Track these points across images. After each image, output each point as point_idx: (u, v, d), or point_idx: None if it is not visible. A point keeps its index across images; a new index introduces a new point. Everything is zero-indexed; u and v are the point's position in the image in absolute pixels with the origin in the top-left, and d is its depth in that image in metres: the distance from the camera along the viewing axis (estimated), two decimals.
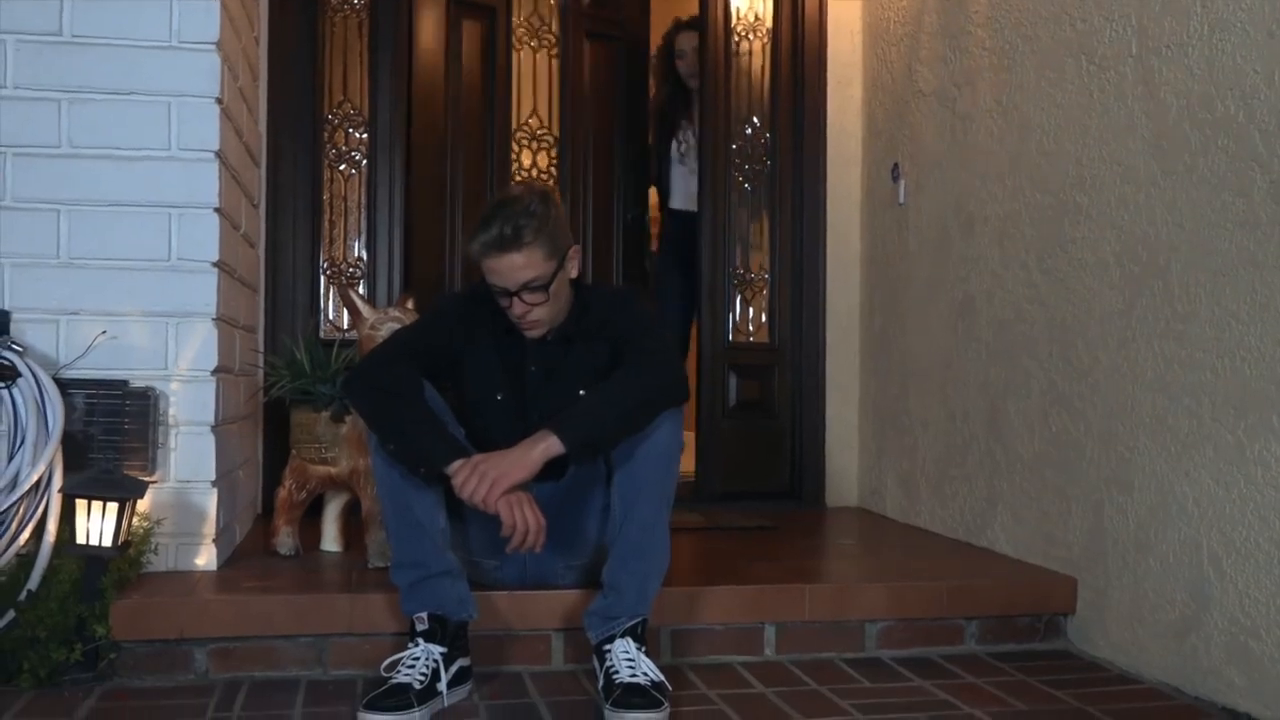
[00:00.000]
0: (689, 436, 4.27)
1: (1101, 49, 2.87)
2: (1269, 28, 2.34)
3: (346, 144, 3.94)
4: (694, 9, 4.40)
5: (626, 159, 4.62)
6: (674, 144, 4.68)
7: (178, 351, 2.75)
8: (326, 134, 3.93)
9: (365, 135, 3.95)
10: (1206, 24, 2.52)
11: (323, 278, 3.93)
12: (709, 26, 4.30)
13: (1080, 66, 2.95)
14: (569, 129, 4.42)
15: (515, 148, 4.35)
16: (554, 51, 4.42)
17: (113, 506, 2.46)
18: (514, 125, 4.35)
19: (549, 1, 4.42)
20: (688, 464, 4.25)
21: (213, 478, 2.77)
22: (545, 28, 4.41)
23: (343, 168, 3.94)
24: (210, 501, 2.77)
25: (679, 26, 4.69)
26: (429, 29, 4.07)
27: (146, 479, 2.64)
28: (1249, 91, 2.39)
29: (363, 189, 3.95)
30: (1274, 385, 2.32)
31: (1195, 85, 2.55)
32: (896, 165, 3.98)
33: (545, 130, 4.40)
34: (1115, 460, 2.79)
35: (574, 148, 4.43)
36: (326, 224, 3.93)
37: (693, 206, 4.42)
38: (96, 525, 2.46)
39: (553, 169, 4.40)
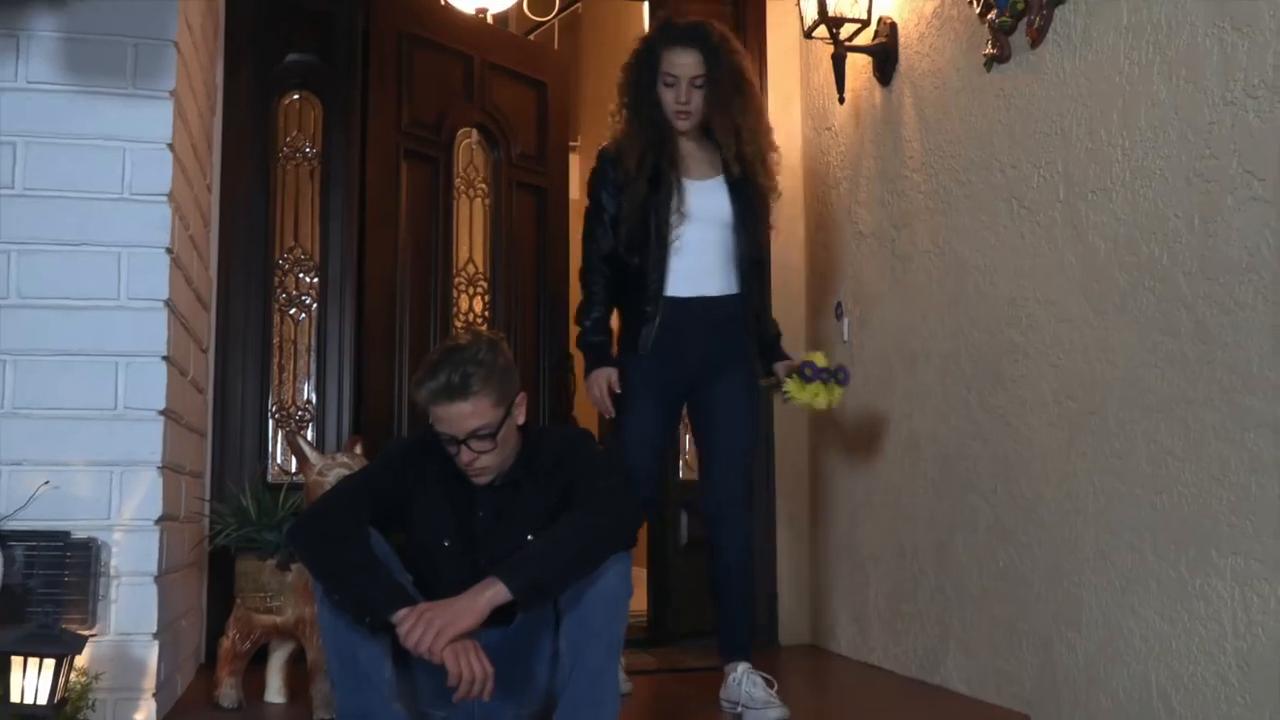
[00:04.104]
0: (641, 573, 4.27)
1: (1031, 194, 2.98)
2: (1186, 175, 2.45)
3: (297, 288, 3.98)
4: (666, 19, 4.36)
5: (549, 302, 4.70)
6: (665, 215, 3.09)
7: (121, 500, 2.72)
8: (277, 278, 3.97)
9: (316, 279, 3.99)
10: (1128, 170, 2.63)
11: (271, 421, 3.92)
12: None
13: (1012, 210, 3.06)
14: (500, 274, 4.52)
15: (455, 292, 4.42)
16: (487, 200, 4.54)
17: (49, 663, 2.39)
18: (455, 270, 4.43)
19: (483, 154, 4.56)
20: (640, 603, 4.24)
21: (154, 629, 2.72)
22: (479, 178, 4.53)
23: (293, 311, 3.97)
24: (151, 654, 2.71)
25: (666, 33, 3.15)
26: (378, 177, 4.16)
27: (86, 632, 2.57)
28: (1171, 235, 2.49)
29: (313, 332, 3.97)
30: (1210, 520, 2.36)
31: (1121, 229, 2.65)
32: (840, 304, 4.07)
33: (480, 274, 4.49)
34: (1062, 596, 2.81)
35: (505, 292, 4.52)
36: (276, 367, 3.94)
37: (707, 289, 3.14)
38: (32, 683, 2.39)
39: (486, 313, 4.47)
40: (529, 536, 2.41)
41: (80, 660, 2.55)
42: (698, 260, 3.10)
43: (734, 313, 3.14)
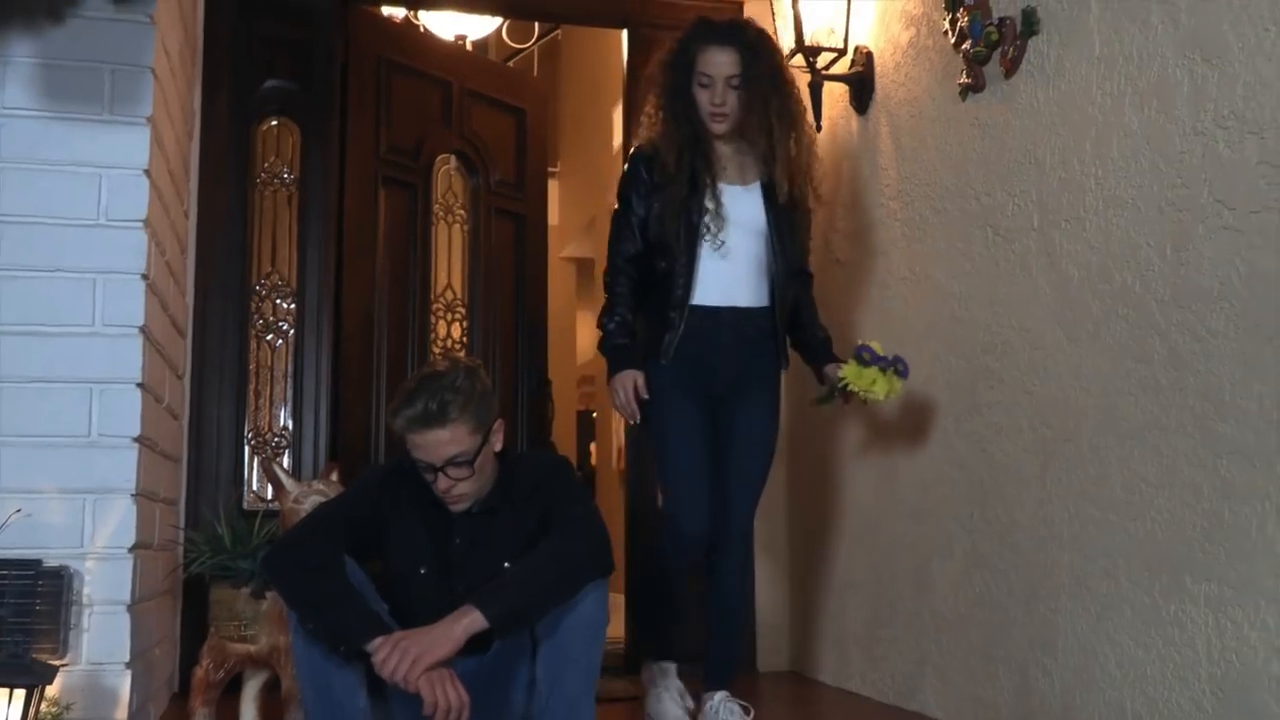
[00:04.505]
0: (619, 599, 4.25)
1: (1006, 222, 3.00)
2: (1158, 204, 2.47)
3: (274, 314, 3.97)
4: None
5: (527, 328, 4.70)
6: (699, 219, 2.96)
7: (94, 528, 2.70)
8: (254, 304, 3.96)
9: (293, 305, 3.98)
10: (1101, 199, 2.66)
11: (247, 447, 3.90)
12: None
13: (987, 238, 3.08)
14: (478, 300, 4.53)
15: (433, 318, 4.42)
16: (466, 227, 4.55)
17: (19, 694, 2.36)
18: (433, 296, 4.43)
19: (461, 180, 4.57)
20: (618, 629, 4.22)
21: (126, 659, 2.69)
22: (458, 204, 4.54)
23: (270, 337, 3.96)
24: (124, 684, 2.68)
25: (701, 31, 3.02)
26: (356, 203, 4.16)
27: (57, 662, 2.55)
28: (1143, 263, 2.51)
29: (289, 359, 3.96)
30: (1184, 546, 2.37)
31: (1094, 257, 2.67)
32: None
33: (458, 300, 4.49)
34: (1039, 622, 2.82)
35: (484, 318, 4.52)
36: (252, 393, 3.92)
37: (739, 299, 3.02)
38: (2, 713, 2.36)
39: (464, 339, 4.47)
40: (506, 564, 2.41)
41: (51, 690, 2.53)
42: (733, 268, 2.98)
43: (764, 327, 3.02)
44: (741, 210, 3.00)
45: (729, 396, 3.01)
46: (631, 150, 3.13)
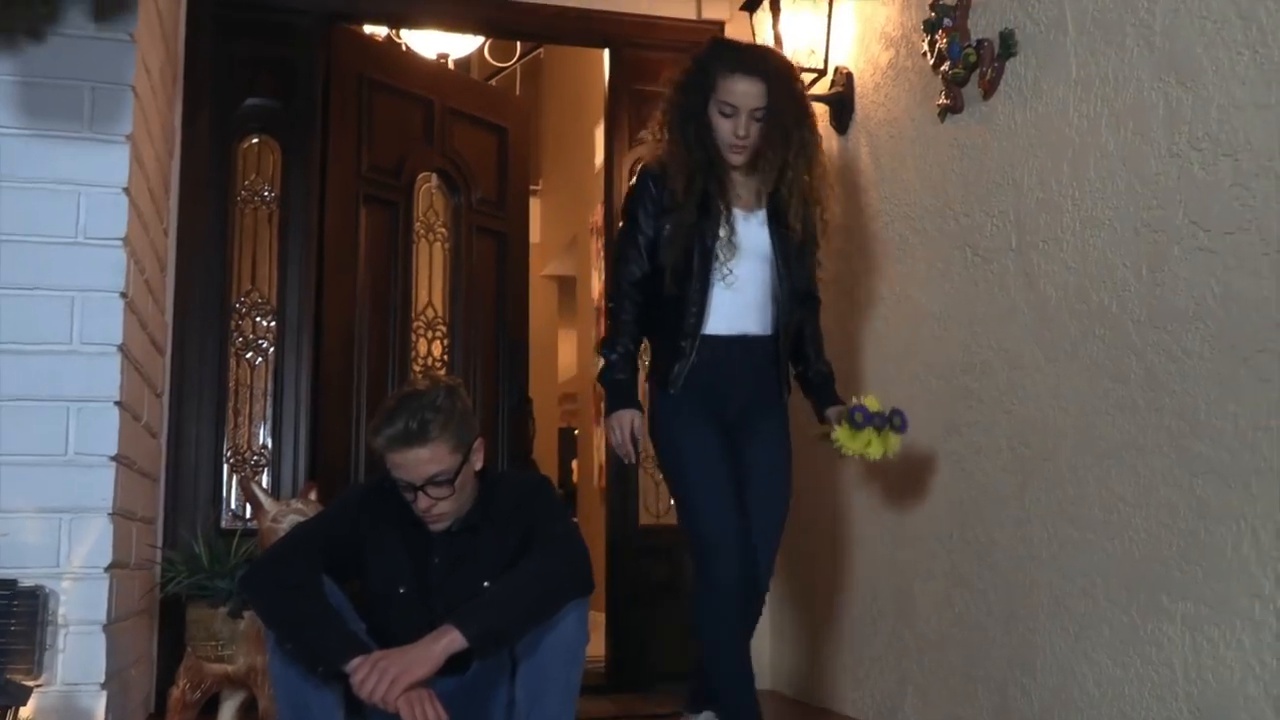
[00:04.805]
0: (599, 618, 4.25)
1: (985, 242, 3.02)
2: (1134, 225, 2.49)
3: (254, 332, 3.96)
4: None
5: (508, 346, 4.70)
6: (713, 245, 2.86)
7: (71, 548, 2.68)
8: (234, 322, 3.95)
9: (273, 323, 3.97)
10: (1078, 220, 2.68)
11: (226, 466, 3.88)
12: (614, 215, 4.45)
13: (966, 258, 3.10)
14: (459, 318, 4.53)
15: (413, 336, 4.42)
16: (447, 245, 4.55)
17: None
18: (414, 314, 4.43)
19: (443, 198, 4.58)
20: (599, 648, 4.22)
21: (102, 679, 2.68)
22: (439, 222, 4.55)
23: (249, 355, 3.95)
24: (99, 704, 2.66)
25: (725, 57, 2.88)
26: (337, 221, 4.16)
27: (31, 683, 2.53)
28: (1120, 284, 2.53)
29: (269, 377, 3.95)
30: (1161, 565, 2.39)
31: (1071, 277, 2.69)
32: None
33: (439, 318, 4.49)
34: (1017, 641, 2.82)
35: (465, 336, 4.52)
36: (231, 412, 3.91)
37: (748, 328, 2.93)
38: None
39: (445, 357, 4.47)
40: (485, 583, 2.40)
41: (26, 711, 2.51)
42: (744, 297, 2.88)
43: (771, 353, 2.93)
44: (751, 237, 2.91)
45: (740, 425, 2.89)
46: (639, 166, 3.01)
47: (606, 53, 4.57)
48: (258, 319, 3.97)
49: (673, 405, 2.85)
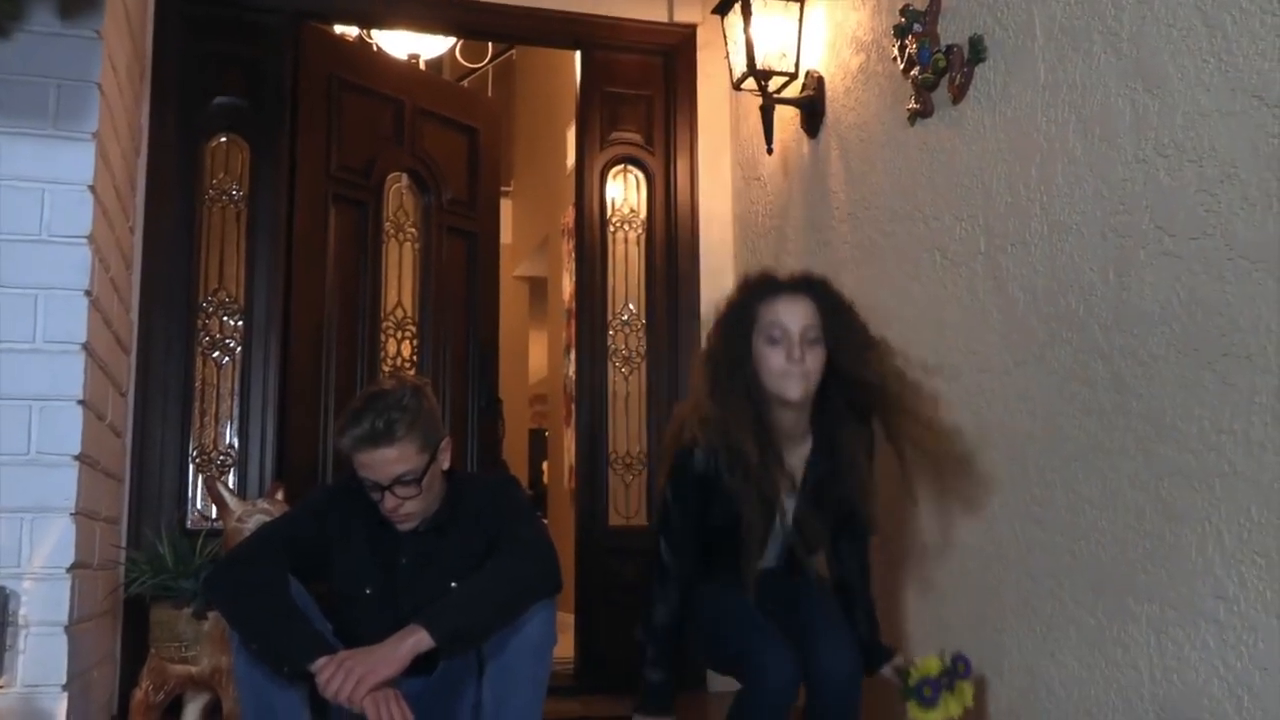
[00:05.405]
0: (568, 619, 4.24)
1: (953, 245, 3.03)
2: (1101, 230, 2.51)
3: (221, 331, 3.93)
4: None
5: (478, 346, 4.69)
6: (776, 502, 2.55)
7: (32, 548, 2.65)
8: (201, 321, 3.91)
9: (240, 322, 3.94)
10: (1046, 224, 2.69)
11: (191, 466, 3.84)
12: (585, 217, 4.45)
13: (935, 261, 3.11)
14: (429, 318, 4.52)
15: (383, 336, 4.40)
16: (417, 245, 4.54)
17: None
18: (383, 314, 4.41)
19: (413, 198, 4.57)
20: (567, 649, 4.20)
21: (63, 681, 2.64)
22: (409, 222, 4.53)
23: (216, 355, 3.92)
24: (60, 707, 2.63)
25: (761, 285, 2.58)
26: (306, 220, 4.13)
27: None
28: (1087, 288, 2.55)
29: (236, 376, 3.91)
30: (1126, 568, 2.40)
31: (1039, 281, 2.70)
32: None
33: (409, 319, 4.48)
34: (985, 643, 2.83)
35: (434, 336, 4.51)
36: (197, 411, 3.87)
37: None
38: None
39: (415, 357, 4.45)
40: (453, 583, 2.39)
41: None
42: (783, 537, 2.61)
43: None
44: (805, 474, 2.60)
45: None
46: (679, 455, 2.53)
47: (578, 54, 4.56)
48: (225, 318, 3.93)
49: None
